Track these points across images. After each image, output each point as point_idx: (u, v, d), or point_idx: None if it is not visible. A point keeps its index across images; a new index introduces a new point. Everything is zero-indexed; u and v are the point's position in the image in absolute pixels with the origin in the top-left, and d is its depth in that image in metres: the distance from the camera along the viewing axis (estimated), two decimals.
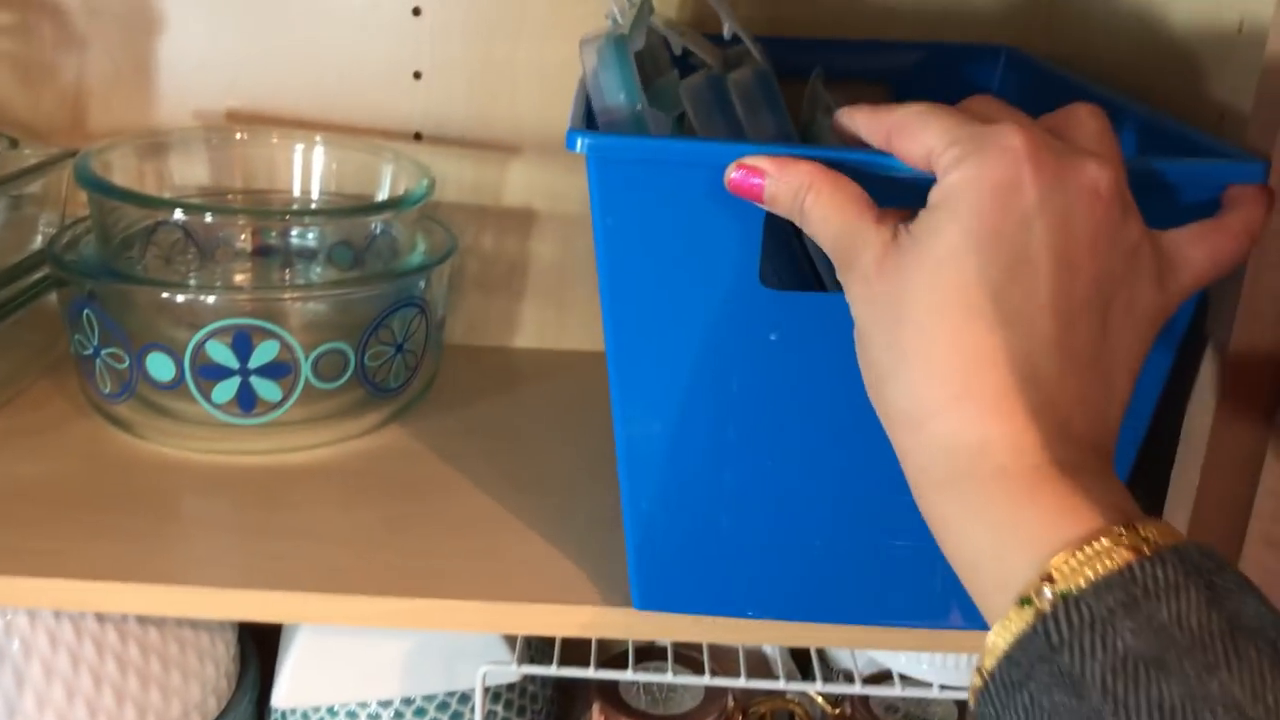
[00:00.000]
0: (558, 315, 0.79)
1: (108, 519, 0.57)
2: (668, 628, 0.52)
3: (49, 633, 0.64)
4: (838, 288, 0.41)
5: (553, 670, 0.63)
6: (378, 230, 0.67)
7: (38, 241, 0.70)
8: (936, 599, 0.50)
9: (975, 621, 0.48)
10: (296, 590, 0.52)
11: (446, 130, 0.75)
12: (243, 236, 0.69)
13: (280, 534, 0.56)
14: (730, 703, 0.70)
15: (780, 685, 0.64)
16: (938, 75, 0.71)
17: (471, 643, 0.69)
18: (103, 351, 0.61)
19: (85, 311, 0.60)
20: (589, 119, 0.48)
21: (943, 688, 0.64)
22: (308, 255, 0.70)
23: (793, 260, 0.51)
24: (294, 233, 0.70)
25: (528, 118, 0.74)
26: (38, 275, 0.67)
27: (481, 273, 0.78)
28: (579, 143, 0.43)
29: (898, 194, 0.40)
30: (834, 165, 0.41)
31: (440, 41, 0.73)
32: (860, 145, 0.42)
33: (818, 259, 0.51)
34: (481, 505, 0.60)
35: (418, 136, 0.75)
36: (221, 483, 0.60)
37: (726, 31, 0.56)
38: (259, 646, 0.76)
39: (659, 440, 0.47)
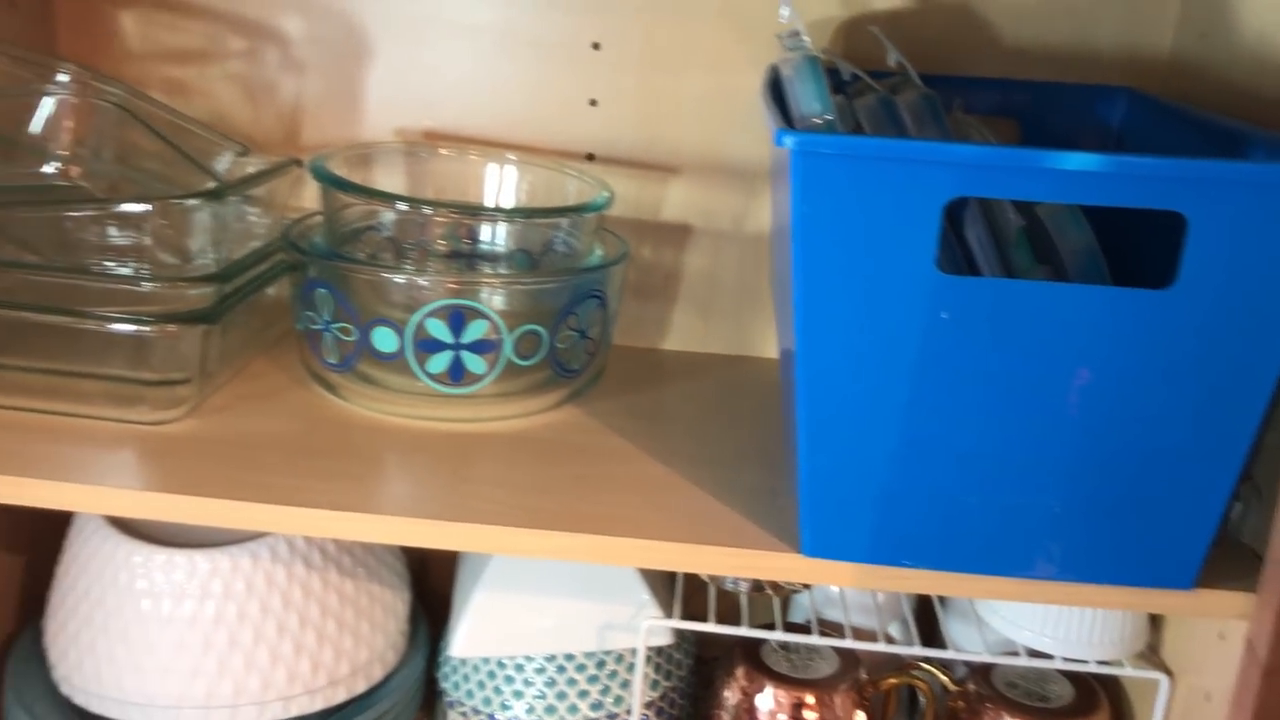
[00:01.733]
0: (704, 322, 0.87)
1: (333, 465, 0.65)
2: (831, 573, 0.59)
3: (266, 575, 0.73)
4: (991, 273, 0.48)
5: (709, 626, 0.71)
6: (558, 239, 0.76)
7: (257, 239, 0.79)
8: (1085, 556, 0.57)
9: (1125, 578, 0.56)
10: (504, 525, 0.60)
11: (616, 152, 0.84)
12: (439, 241, 0.78)
13: (483, 482, 0.64)
14: (862, 675, 0.76)
15: (915, 651, 0.70)
16: (1064, 113, 0.79)
17: (627, 609, 0.76)
18: (333, 326, 0.70)
19: (320, 290, 0.70)
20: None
21: (1065, 660, 0.70)
22: (492, 259, 0.79)
23: (951, 249, 0.59)
24: (482, 238, 0.79)
25: (688, 142, 0.83)
26: (262, 267, 0.77)
27: (639, 281, 0.86)
28: (786, 140, 0.51)
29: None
30: (994, 160, 0.48)
31: (616, 73, 0.82)
32: None
33: (975, 250, 0.59)
34: (655, 471, 0.67)
35: (590, 157, 0.84)
36: (427, 443, 0.69)
37: (892, 60, 0.64)
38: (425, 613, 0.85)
39: (837, 403, 0.55)
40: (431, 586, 0.92)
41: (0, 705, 0.78)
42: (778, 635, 0.71)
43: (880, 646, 0.70)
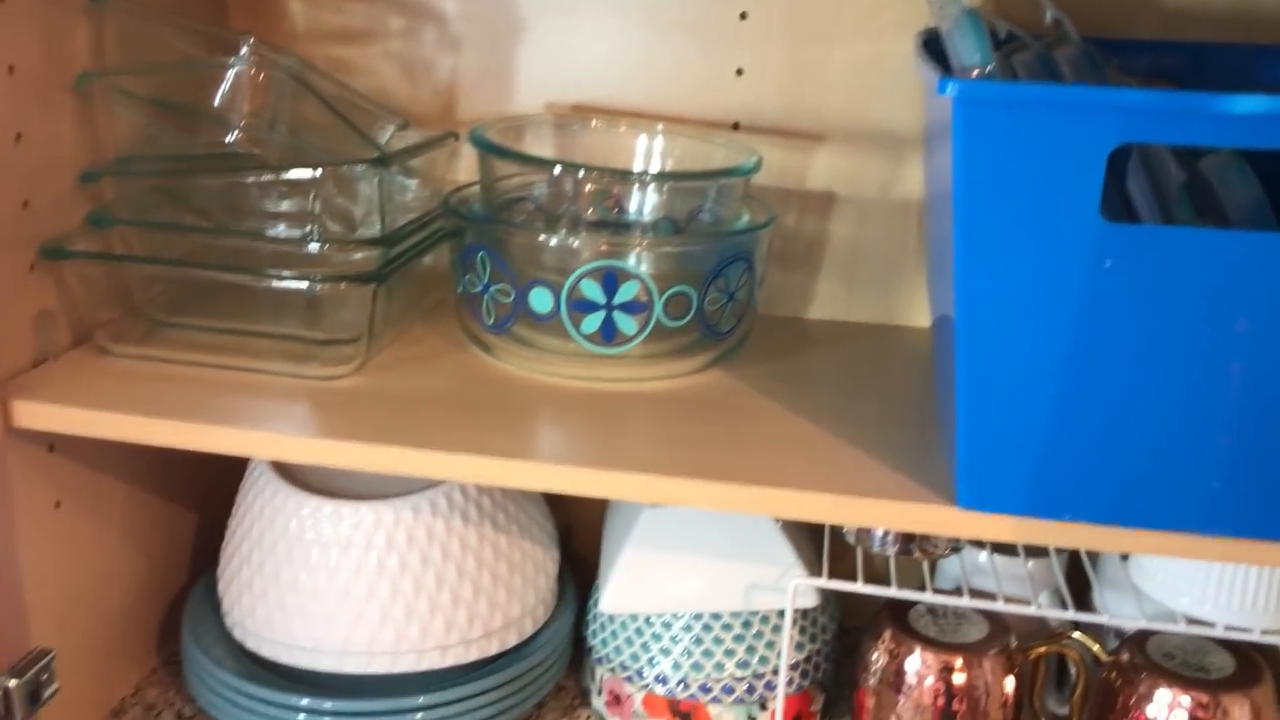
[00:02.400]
0: (848, 290, 0.87)
1: (492, 420, 0.68)
2: (989, 526, 0.59)
3: (427, 528, 0.76)
4: (1152, 221, 0.47)
5: (857, 586, 0.71)
6: (704, 207, 0.78)
7: (414, 212, 0.83)
8: (1252, 510, 0.55)
9: None
10: (659, 474, 0.62)
11: (761, 121, 0.85)
12: (588, 210, 0.80)
13: (635, 436, 0.66)
14: (1012, 643, 0.76)
15: (1068, 615, 0.69)
16: (1223, 74, 0.77)
17: (774, 570, 0.77)
18: (492, 288, 0.73)
19: (480, 254, 0.72)
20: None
21: (1227, 628, 0.68)
22: (639, 229, 0.80)
23: (1112, 201, 0.58)
24: (630, 207, 0.80)
25: (834, 110, 0.83)
26: (422, 234, 0.80)
27: (783, 250, 0.87)
28: (948, 88, 0.51)
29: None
30: (1162, 105, 0.48)
31: (762, 41, 0.83)
32: None
33: (1136, 202, 0.58)
34: (805, 429, 0.68)
35: (736, 126, 0.85)
36: (579, 401, 0.71)
37: (1048, 18, 0.64)
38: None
39: (998, 352, 0.55)
40: (576, 550, 0.94)
41: (179, 649, 0.83)
42: (928, 596, 0.71)
43: (1032, 610, 0.70)
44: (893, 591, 0.71)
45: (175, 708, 0.82)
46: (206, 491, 0.89)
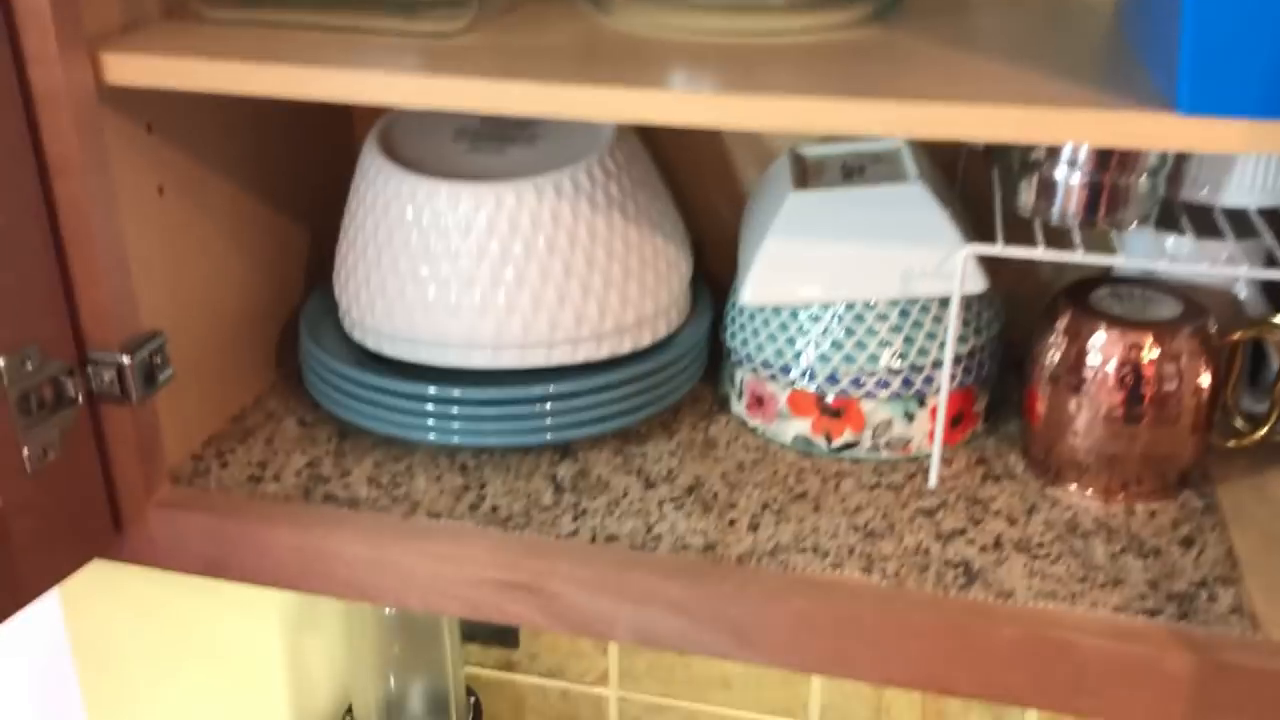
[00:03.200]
0: None
1: (624, 67, 0.60)
2: (1213, 134, 0.50)
3: (552, 211, 0.69)
4: None
5: (1039, 252, 0.63)
6: None
7: None
8: None
9: None
10: (824, 96, 0.54)
11: None
12: None
13: (781, 87, 0.57)
14: (1209, 326, 0.67)
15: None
16: None
17: (935, 252, 0.69)
18: None
19: None
20: None
21: None
22: None
23: None
24: None
25: None
26: None
27: None
28: None
29: None
30: None
31: None
32: None
33: None
34: (986, 66, 0.59)
35: None
36: (718, 54, 0.62)
37: None
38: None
39: None
40: (709, 269, 0.88)
41: (298, 365, 0.80)
42: (1120, 260, 0.63)
43: (1240, 277, 0.61)
44: (1079, 256, 0.63)
45: (297, 414, 0.79)
46: (316, 200, 0.84)
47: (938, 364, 0.71)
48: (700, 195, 0.86)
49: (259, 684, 0.98)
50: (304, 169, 0.83)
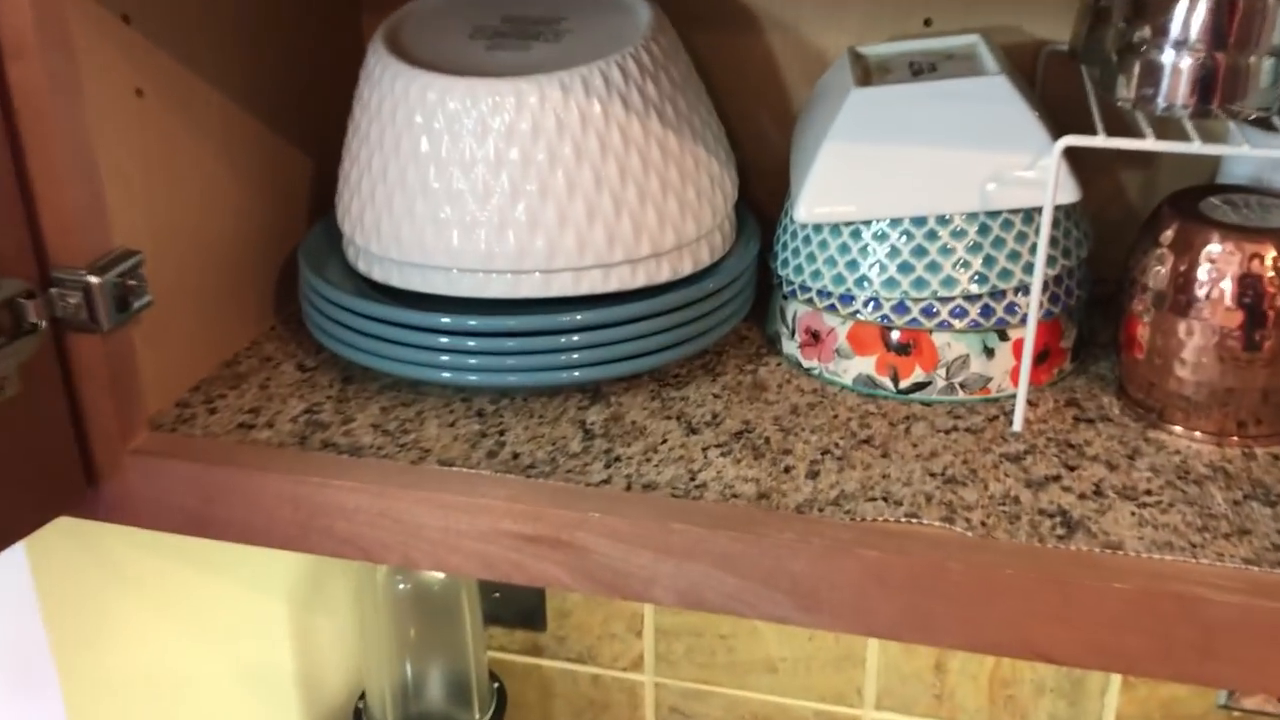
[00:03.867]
0: None
1: None
2: None
3: (580, 111, 0.61)
4: None
5: (1149, 144, 0.54)
6: None
7: None
8: None
9: None
10: None
11: None
12: None
13: None
14: None
15: None
16: None
17: (1020, 158, 0.60)
18: None
19: None
20: None
21: None
22: None
23: None
24: None
25: None
26: None
27: None
28: None
29: None
30: None
31: None
32: None
33: None
34: None
35: None
36: None
37: None
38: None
39: None
40: (756, 199, 0.79)
41: (299, 309, 0.71)
42: (1245, 150, 0.53)
43: None
44: (1196, 147, 0.54)
45: (296, 359, 0.70)
46: (323, 117, 0.76)
47: (1022, 289, 0.62)
48: (743, 114, 0.77)
49: (264, 669, 0.89)
50: (308, 79, 0.75)
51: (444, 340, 0.62)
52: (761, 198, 0.79)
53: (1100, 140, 0.54)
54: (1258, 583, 0.50)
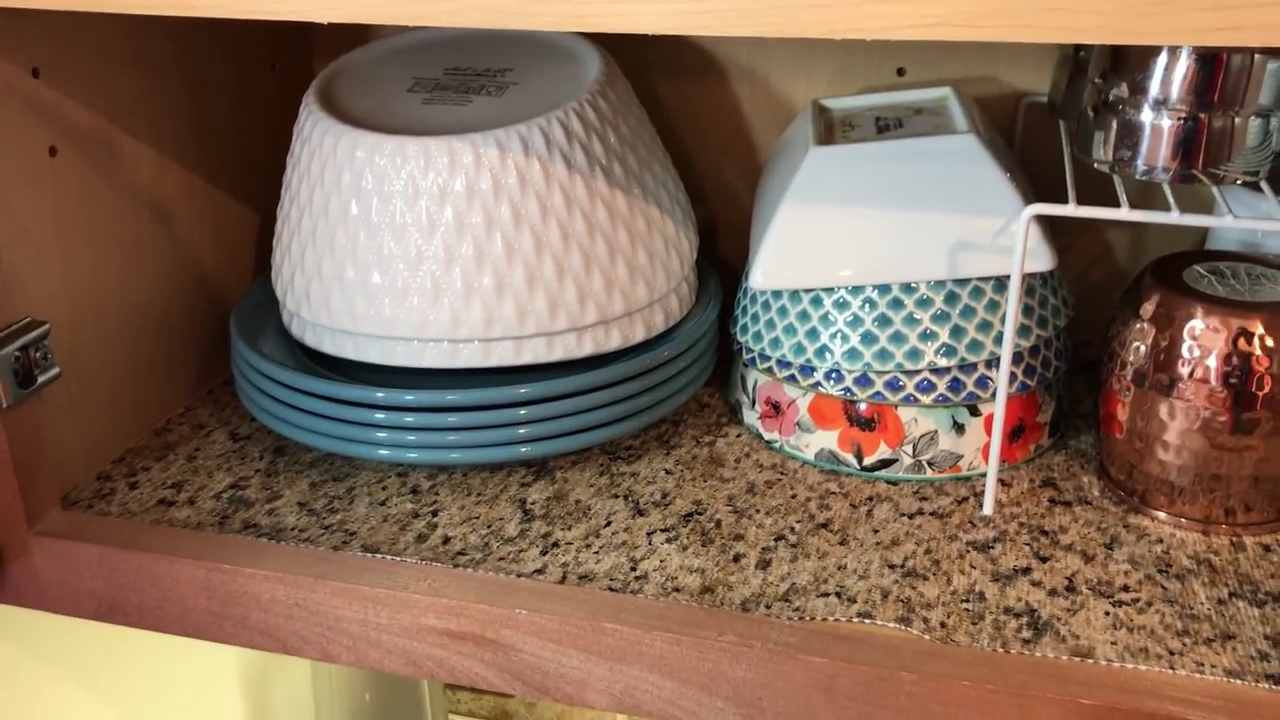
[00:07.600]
0: None
1: None
2: None
3: (518, 171, 0.57)
4: None
5: (1123, 212, 0.50)
6: None
7: None
8: None
9: None
10: None
11: None
12: None
13: None
14: None
15: None
16: None
17: (990, 223, 0.56)
18: None
19: None
20: None
21: None
22: None
23: None
24: None
25: None
26: None
27: None
28: None
29: None
30: None
31: None
32: None
33: None
34: None
35: None
36: None
37: None
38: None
39: None
40: (721, 257, 0.75)
41: (230, 358, 0.68)
42: (1228, 221, 0.49)
43: None
44: (1174, 217, 0.49)
45: (230, 426, 0.67)
46: (263, 173, 0.73)
47: (994, 362, 0.58)
48: (709, 167, 0.74)
49: None
50: (253, 130, 0.72)
51: (380, 416, 0.58)
52: (728, 255, 0.75)
53: (1070, 209, 0.50)
54: (1240, 699, 0.46)
